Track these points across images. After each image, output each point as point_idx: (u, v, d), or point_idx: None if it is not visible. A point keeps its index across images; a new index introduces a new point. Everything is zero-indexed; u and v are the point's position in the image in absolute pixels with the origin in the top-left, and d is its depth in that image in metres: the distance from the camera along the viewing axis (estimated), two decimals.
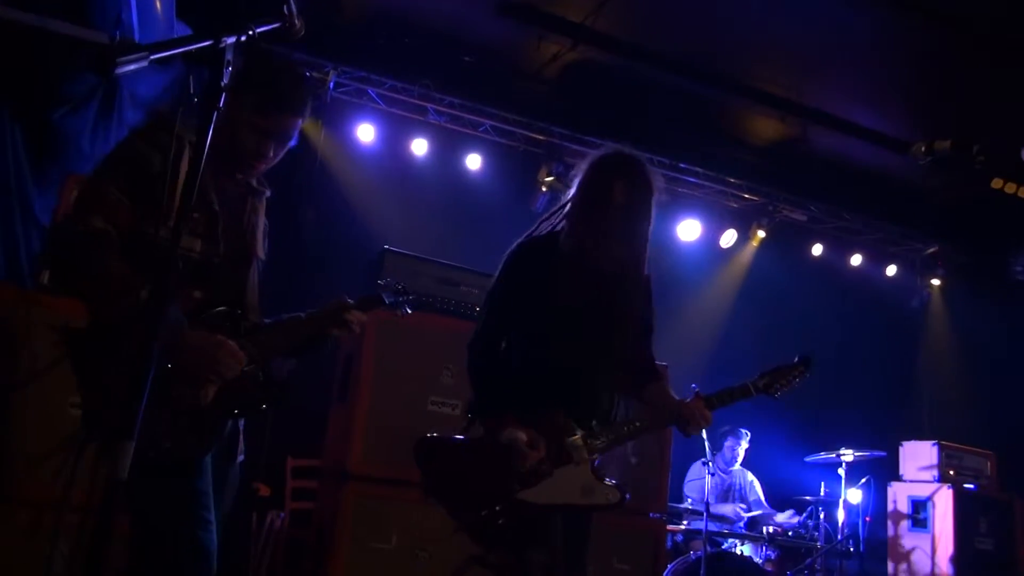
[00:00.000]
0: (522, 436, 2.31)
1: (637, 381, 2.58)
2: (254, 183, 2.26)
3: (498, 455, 2.35)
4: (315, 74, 5.97)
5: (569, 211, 2.51)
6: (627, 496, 2.41)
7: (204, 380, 1.99)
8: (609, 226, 2.38)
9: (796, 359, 2.63)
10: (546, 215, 2.63)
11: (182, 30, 4.72)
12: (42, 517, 3.01)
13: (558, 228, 2.55)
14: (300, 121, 2.18)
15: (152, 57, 1.24)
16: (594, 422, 2.43)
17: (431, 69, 6.23)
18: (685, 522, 5.60)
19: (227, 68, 1.37)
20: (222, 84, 1.36)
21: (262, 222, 2.31)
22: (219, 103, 1.36)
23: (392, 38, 6.07)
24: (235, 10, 1.52)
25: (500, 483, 2.35)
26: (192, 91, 1.35)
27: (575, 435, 2.38)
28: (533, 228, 2.62)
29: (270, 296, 2.33)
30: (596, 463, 2.42)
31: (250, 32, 1.47)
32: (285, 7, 1.73)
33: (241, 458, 2.23)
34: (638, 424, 2.48)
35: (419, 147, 6.42)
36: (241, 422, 2.21)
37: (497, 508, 2.33)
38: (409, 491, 3.83)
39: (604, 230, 2.39)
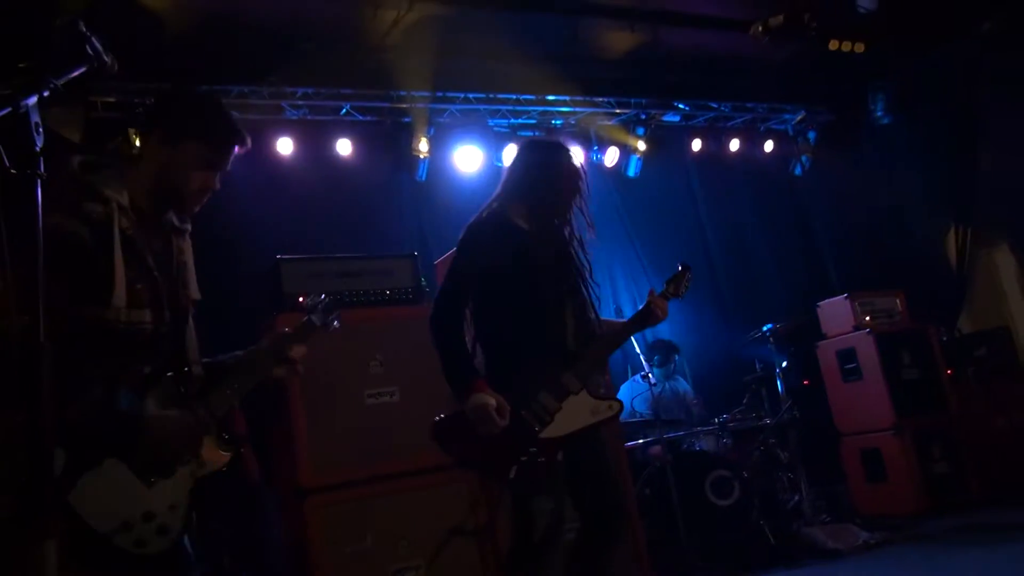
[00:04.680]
0: (491, 402, 2.59)
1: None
2: (176, 221, 2.19)
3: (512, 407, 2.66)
4: (152, 102, 5.65)
5: (525, 189, 2.99)
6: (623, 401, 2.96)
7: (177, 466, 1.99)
8: (564, 199, 3.03)
9: (679, 267, 3.14)
10: (493, 198, 3.03)
11: None
12: None
13: (507, 205, 2.96)
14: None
15: None
16: (575, 356, 2.84)
17: (274, 66, 6.00)
18: (641, 440, 5.74)
19: (37, 132, 1.27)
20: (37, 150, 1.25)
21: (190, 259, 2.24)
22: (40, 170, 1.26)
23: (225, 44, 5.80)
24: (35, 63, 1.40)
25: (523, 431, 2.69)
26: (6, 164, 1.24)
27: (566, 371, 2.79)
28: (485, 207, 3.00)
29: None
30: (589, 386, 2.83)
31: (52, 86, 1.36)
32: (88, 47, 1.62)
33: None
34: (605, 343, 2.98)
35: (284, 147, 6.20)
36: None
37: (533, 449, 2.67)
38: (369, 487, 3.81)
39: (561, 203, 3.02)
